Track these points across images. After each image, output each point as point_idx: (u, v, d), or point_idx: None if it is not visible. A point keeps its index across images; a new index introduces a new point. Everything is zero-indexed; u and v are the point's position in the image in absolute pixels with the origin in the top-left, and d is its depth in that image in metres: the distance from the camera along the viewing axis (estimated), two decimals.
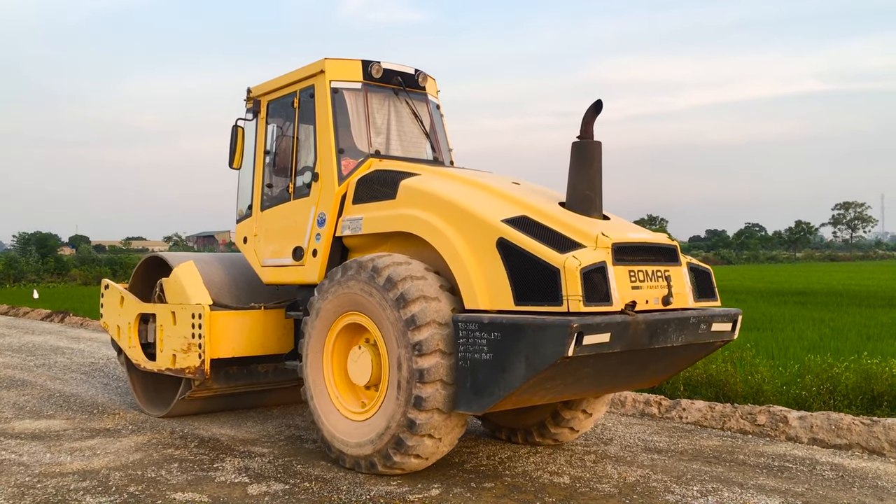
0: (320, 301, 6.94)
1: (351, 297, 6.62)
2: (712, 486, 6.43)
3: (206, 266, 8.78)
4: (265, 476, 6.74)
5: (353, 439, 6.64)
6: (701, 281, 6.57)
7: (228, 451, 7.63)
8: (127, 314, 9.25)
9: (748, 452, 7.51)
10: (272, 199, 8.26)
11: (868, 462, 7.19)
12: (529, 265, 5.85)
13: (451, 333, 6.11)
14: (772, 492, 6.27)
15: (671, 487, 6.39)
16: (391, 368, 6.32)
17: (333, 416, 6.88)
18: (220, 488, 6.39)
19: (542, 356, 5.54)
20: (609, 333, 5.61)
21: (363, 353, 6.67)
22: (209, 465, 7.12)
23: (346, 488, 6.36)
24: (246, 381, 8.70)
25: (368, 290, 6.45)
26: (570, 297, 5.58)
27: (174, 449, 7.71)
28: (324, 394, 6.99)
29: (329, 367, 7.00)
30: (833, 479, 6.63)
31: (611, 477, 6.71)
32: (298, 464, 7.14)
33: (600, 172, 6.47)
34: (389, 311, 6.26)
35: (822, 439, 7.80)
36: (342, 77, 7.77)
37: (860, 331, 15.10)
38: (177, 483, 6.54)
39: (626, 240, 6.10)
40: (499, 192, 6.77)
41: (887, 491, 6.31)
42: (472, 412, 6.04)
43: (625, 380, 6.67)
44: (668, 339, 6.07)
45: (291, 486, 6.42)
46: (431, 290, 6.24)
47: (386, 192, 7.13)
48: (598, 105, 6.45)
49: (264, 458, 7.32)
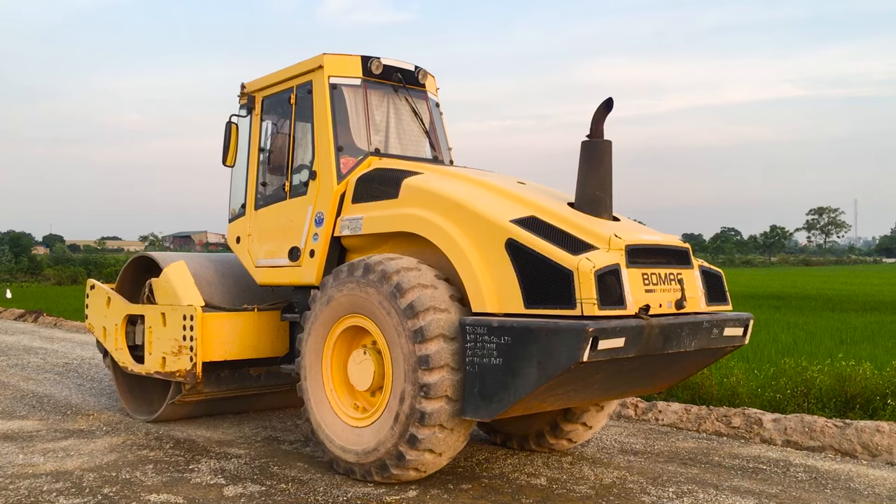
0: (321, 302, 6.71)
1: (355, 299, 6.40)
2: (688, 487, 6.45)
3: (197, 266, 8.53)
4: (241, 477, 6.67)
5: (351, 446, 6.43)
6: (712, 284, 6.42)
7: (204, 452, 7.55)
8: (114, 315, 8.97)
9: (723, 454, 7.55)
10: (267, 197, 8.02)
11: (841, 464, 7.25)
12: (540, 267, 5.67)
13: (459, 348, 5.90)
14: (746, 493, 6.29)
15: (647, 489, 6.40)
16: (395, 377, 6.11)
17: (332, 421, 6.66)
18: (195, 490, 6.32)
19: (555, 361, 5.37)
20: (624, 338, 5.45)
21: (365, 357, 6.45)
22: (185, 466, 7.03)
23: (323, 490, 6.31)
24: (238, 384, 8.45)
25: (375, 295, 6.21)
26: (584, 301, 5.41)
27: (149, 450, 7.61)
28: (322, 398, 6.77)
29: (328, 371, 6.78)
30: (806, 481, 6.67)
31: (587, 478, 6.71)
32: (275, 465, 7.07)
33: (610, 172, 6.31)
34: (396, 319, 6.03)
35: (795, 441, 7.85)
36: (341, 73, 7.56)
37: (833, 334, 15.18)
38: (151, 484, 6.45)
39: (640, 241, 5.94)
40: (505, 191, 6.59)
41: (859, 492, 6.36)
42: (481, 418, 5.85)
43: (633, 385, 6.51)
44: (682, 344, 5.91)
45: (268, 488, 6.37)
46: (442, 301, 6.01)
47: (387, 191, 6.93)
48: (609, 103, 6.29)
49: (240, 460, 7.24)
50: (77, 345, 16.54)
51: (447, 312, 5.97)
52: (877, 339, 13.93)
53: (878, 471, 7.03)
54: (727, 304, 6.52)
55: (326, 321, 6.70)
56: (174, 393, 8.28)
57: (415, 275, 6.11)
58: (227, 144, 8.15)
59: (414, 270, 6.16)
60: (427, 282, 6.08)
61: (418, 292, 5.98)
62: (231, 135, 8.14)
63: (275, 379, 8.69)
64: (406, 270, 6.14)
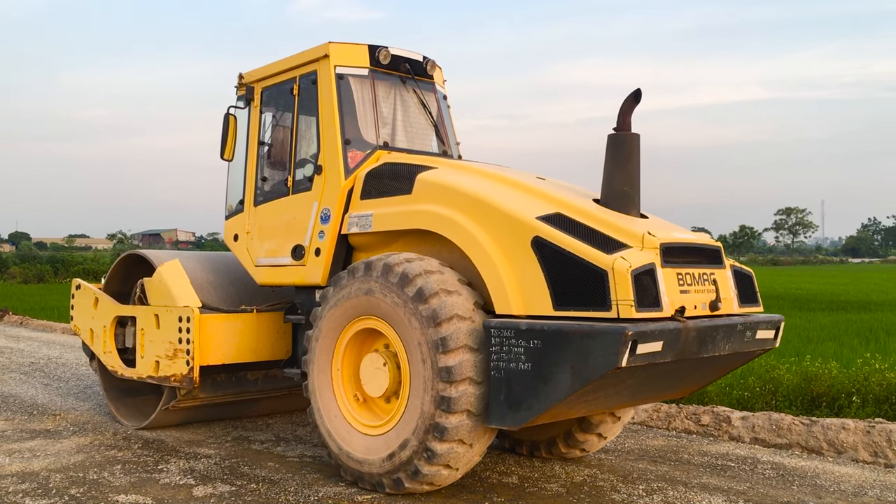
0: (332, 303, 6.34)
1: (370, 300, 6.04)
2: (657, 485, 6.47)
3: (191, 265, 8.12)
4: (211, 477, 6.59)
5: (362, 454, 6.07)
6: (743, 284, 6.15)
7: (173, 452, 7.45)
8: (102, 317, 8.53)
9: (692, 452, 7.60)
10: (267, 193, 7.65)
11: (807, 461, 7.33)
12: (571, 266, 5.36)
13: (483, 358, 5.58)
14: (715, 490, 6.32)
15: (617, 486, 6.41)
16: (413, 386, 5.75)
17: (342, 429, 6.29)
18: (164, 490, 6.24)
19: (591, 366, 5.06)
20: (662, 342, 5.16)
21: (380, 361, 6.09)
22: (153, 466, 6.94)
23: (294, 489, 6.24)
24: (235, 389, 8.06)
25: (392, 297, 5.85)
26: (620, 302, 5.11)
27: (117, 450, 7.49)
28: (332, 404, 6.40)
29: (339, 376, 6.41)
30: (774, 478, 6.73)
31: (559, 476, 6.69)
32: (245, 465, 6.98)
33: (638, 167, 6.02)
34: (417, 326, 5.68)
35: (763, 439, 7.92)
36: (348, 62, 7.21)
37: (801, 333, 15.18)
38: (119, 485, 6.35)
39: (675, 240, 5.65)
40: (527, 186, 6.28)
41: (825, 489, 6.43)
42: (507, 427, 5.52)
43: (661, 390, 6.23)
44: (717, 347, 5.64)
45: (238, 488, 6.28)
46: (465, 309, 5.66)
47: (400, 186, 6.59)
48: (637, 94, 6.00)
49: (210, 460, 7.15)
50: (43, 344, 16.35)
51: (471, 321, 5.63)
52: (843, 338, 13.97)
53: (844, 467, 7.12)
54: (759, 306, 6.25)
55: (337, 323, 6.33)
56: (168, 398, 7.88)
57: (437, 278, 5.74)
58: (224, 137, 7.76)
59: (436, 273, 5.80)
60: (451, 287, 5.73)
61: (442, 298, 5.63)
62: (229, 127, 7.75)
63: (273, 383, 8.31)
64: (427, 273, 5.77)
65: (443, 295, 5.66)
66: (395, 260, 5.94)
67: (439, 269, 5.85)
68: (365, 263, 6.13)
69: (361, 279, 6.10)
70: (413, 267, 5.81)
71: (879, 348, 12.32)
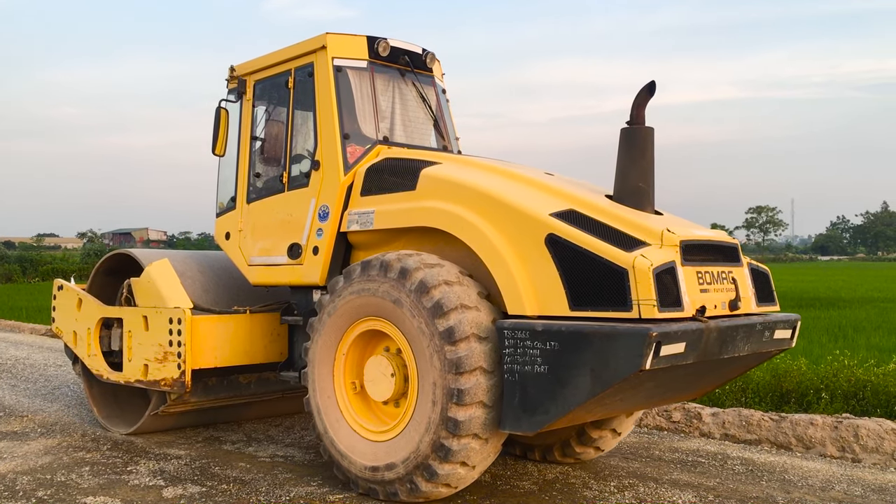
0: (333, 304, 6.08)
1: (373, 300, 5.79)
2: (629, 481, 6.50)
3: (180, 264, 7.82)
4: (181, 479, 6.51)
5: (372, 462, 5.82)
6: (760, 283, 5.98)
7: (143, 453, 7.35)
8: (86, 319, 8.20)
9: (663, 448, 7.62)
10: (261, 190, 7.37)
11: (776, 456, 7.39)
12: (588, 265, 5.15)
13: (492, 348, 5.37)
14: (685, 486, 6.36)
15: (589, 483, 6.43)
16: (421, 386, 5.53)
17: (347, 436, 6.04)
18: (133, 492, 6.16)
19: (612, 369, 4.85)
20: (684, 343, 4.96)
21: (386, 364, 5.85)
22: (122, 467, 6.85)
23: (266, 490, 6.20)
24: (227, 393, 7.77)
25: (396, 296, 5.63)
26: (642, 302, 4.91)
27: (86, 452, 7.38)
28: (334, 410, 6.14)
29: (341, 380, 6.16)
30: (743, 473, 6.79)
31: (531, 474, 6.69)
32: (216, 466, 6.90)
33: (653, 162, 5.82)
34: (424, 322, 5.45)
35: (733, 435, 7.98)
36: (346, 54, 6.95)
37: None
38: (88, 487, 6.26)
39: (694, 237, 5.46)
40: (537, 182, 6.06)
41: (793, 484, 6.51)
42: (522, 432, 5.29)
43: (676, 392, 6.04)
44: (736, 348, 5.46)
45: (209, 489, 6.22)
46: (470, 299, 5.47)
47: (403, 182, 6.34)
48: (651, 87, 5.80)
49: (180, 461, 7.06)
50: (11, 344, 16.03)
51: (476, 310, 5.44)
52: (811, 335, 13.97)
53: (812, 462, 7.22)
54: (775, 305, 6.09)
55: (340, 324, 6.08)
56: (157, 403, 7.57)
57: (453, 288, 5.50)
58: (216, 132, 7.46)
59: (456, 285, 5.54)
60: (466, 297, 5.48)
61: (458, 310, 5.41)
62: (220, 121, 7.46)
63: (266, 386, 8.04)
64: (446, 285, 5.51)
65: (444, 287, 5.46)
66: (412, 263, 5.67)
67: (459, 281, 5.61)
68: (365, 264, 5.88)
69: (363, 279, 5.85)
70: (431, 276, 5.54)
71: (848, 345, 12.37)
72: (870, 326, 15.89)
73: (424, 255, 5.79)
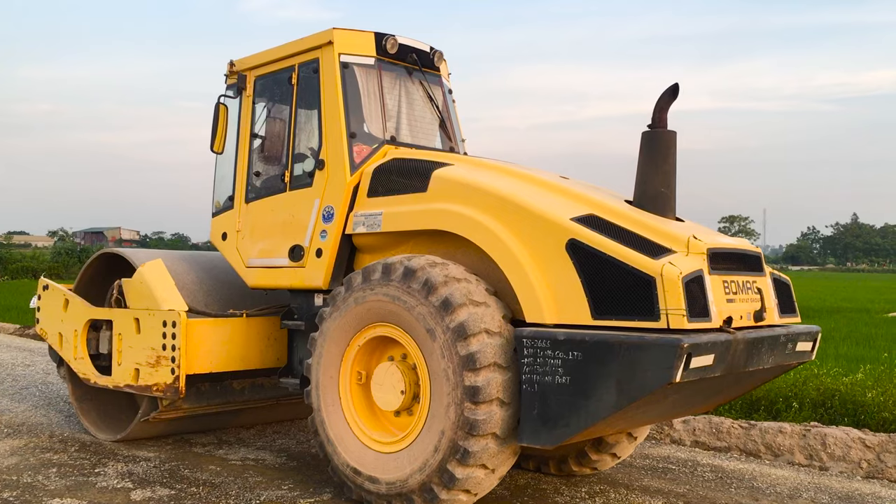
0: (340, 309, 5.84)
1: (385, 306, 5.56)
2: (600, 487, 6.52)
3: (174, 265, 7.53)
4: (150, 481, 6.44)
5: (382, 474, 5.57)
6: (781, 293, 5.81)
7: (111, 455, 7.25)
8: (73, 320, 7.87)
9: (634, 455, 7.65)
10: (261, 189, 7.11)
11: (745, 464, 7.48)
12: (612, 272, 4.95)
13: (511, 378, 5.17)
14: (655, 493, 6.40)
15: (560, 489, 6.45)
16: (434, 399, 5.31)
17: (355, 449, 5.78)
18: (101, 494, 6.07)
19: (640, 381, 4.65)
20: (713, 355, 4.78)
21: (394, 371, 5.62)
22: (90, 469, 6.75)
23: (236, 493, 6.13)
24: (220, 399, 7.48)
25: (411, 302, 5.40)
26: (671, 312, 4.71)
27: (53, 453, 7.27)
28: (339, 419, 5.89)
29: (347, 388, 5.91)
30: (713, 480, 6.85)
31: (503, 480, 6.55)
32: (186, 468, 6.84)
33: (675, 166, 5.64)
34: (441, 336, 5.23)
35: (703, 442, 8.05)
36: (353, 50, 6.72)
37: None
38: (55, 489, 6.16)
39: (721, 245, 5.28)
40: (554, 186, 5.86)
41: (762, 491, 6.58)
42: (541, 445, 5.08)
43: (694, 405, 5.86)
44: (761, 360, 5.29)
45: (178, 492, 6.15)
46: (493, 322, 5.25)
47: (413, 183, 6.12)
48: (675, 89, 5.62)
49: (149, 463, 6.99)
50: None
51: (500, 336, 5.22)
52: None
53: (780, 470, 7.29)
54: (797, 316, 5.92)
55: (346, 330, 5.83)
56: (148, 409, 7.27)
57: (464, 287, 5.31)
58: (214, 128, 7.20)
59: (463, 282, 5.36)
60: (479, 298, 5.30)
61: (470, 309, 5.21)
62: (219, 117, 7.19)
63: (260, 392, 7.76)
64: (455, 281, 5.33)
65: (471, 306, 5.22)
66: (421, 264, 5.46)
67: (467, 279, 5.41)
68: (381, 267, 5.64)
69: (376, 283, 5.62)
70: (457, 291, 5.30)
71: (817, 354, 12.30)
72: (838, 336, 16.05)
73: (452, 267, 5.53)
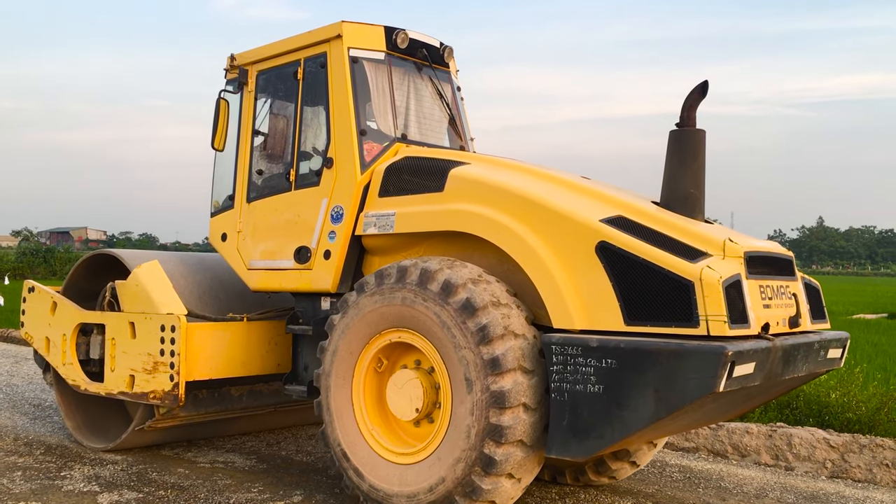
0: (352, 315, 5.58)
1: (401, 310, 5.31)
2: (569, 488, 6.54)
3: (171, 266, 7.22)
4: (117, 484, 6.36)
5: (401, 487, 5.32)
6: (812, 298, 5.64)
7: (78, 458, 7.15)
8: (61, 324, 7.52)
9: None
10: (263, 188, 6.83)
11: (713, 464, 7.57)
12: (646, 276, 4.74)
13: (537, 383, 4.96)
14: (625, 493, 6.46)
15: (531, 490, 6.41)
16: (455, 406, 5.07)
17: (370, 459, 5.51)
18: (67, 497, 6.00)
19: (680, 391, 4.45)
20: (754, 363, 4.59)
21: (412, 379, 5.36)
22: (56, 473, 6.65)
23: (204, 496, 6.07)
24: (218, 406, 7.18)
25: (429, 305, 5.15)
26: (711, 318, 4.51)
27: (18, 456, 7.15)
28: (353, 429, 5.63)
29: (360, 396, 5.65)
30: (681, 481, 6.92)
31: None
32: (154, 471, 6.76)
33: (704, 166, 5.45)
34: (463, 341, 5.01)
35: (671, 442, 8.11)
36: (363, 44, 6.46)
37: None
38: (19, 493, 6.07)
39: (757, 248, 5.09)
40: (578, 186, 5.65)
41: (729, 491, 6.67)
42: (571, 457, 4.86)
43: (722, 414, 5.66)
44: (796, 368, 5.11)
45: (146, 495, 6.08)
46: (518, 324, 5.05)
47: (427, 183, 5.88)
48: (704, 87, 5.45)
49: (117, 466, 6.90)
50: None
51: (524, 339, 5.01)
52: None
53: (747, 470, 7.39)
54: (826, 322, 5.75)
55: (359, 337, 5.58)
56: (143, 417, 6.95)
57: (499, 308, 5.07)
58: (215, 125, 6.90)
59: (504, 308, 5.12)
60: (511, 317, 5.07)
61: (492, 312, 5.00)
62: (220, 113, 6.90)
63: (258, 399, 7.47)
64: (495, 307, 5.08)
65: (494, 308, 4.99)
66: (460, 275, 5.20)
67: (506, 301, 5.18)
68: (397, 270, 5.39)
69: (393, 287, 5.36)
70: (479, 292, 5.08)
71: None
72: None
73: (472, 268, 5.32)
